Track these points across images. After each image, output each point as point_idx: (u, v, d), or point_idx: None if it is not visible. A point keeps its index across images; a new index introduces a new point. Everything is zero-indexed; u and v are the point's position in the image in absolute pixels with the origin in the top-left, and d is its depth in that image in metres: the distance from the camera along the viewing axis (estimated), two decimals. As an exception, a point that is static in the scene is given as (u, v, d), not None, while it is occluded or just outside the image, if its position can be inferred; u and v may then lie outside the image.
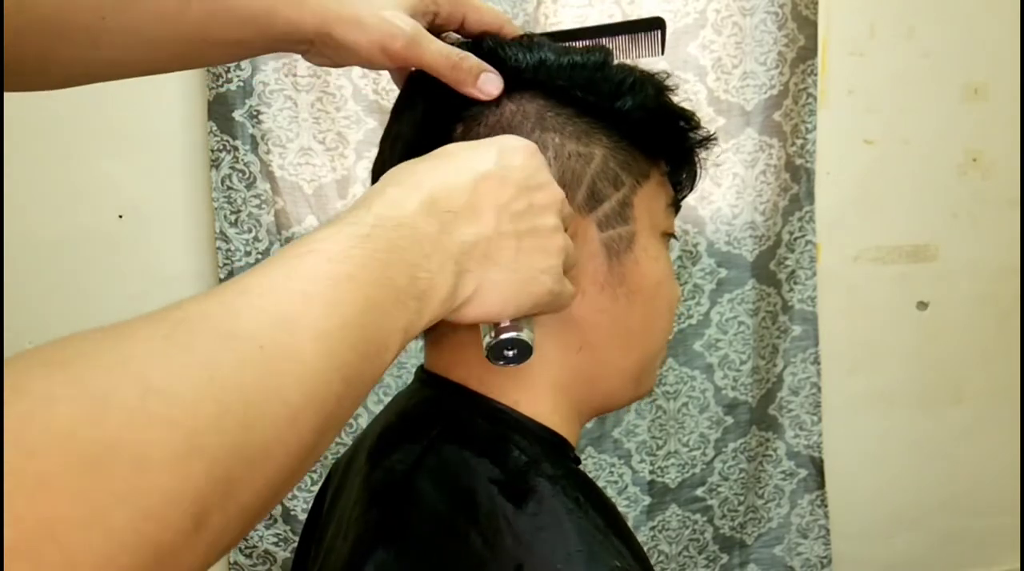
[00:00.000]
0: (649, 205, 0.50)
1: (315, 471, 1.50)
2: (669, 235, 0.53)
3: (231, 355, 0.27)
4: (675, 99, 0.52)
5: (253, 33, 0.46)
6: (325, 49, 0.48)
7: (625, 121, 0.49)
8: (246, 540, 1.53)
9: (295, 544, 1.00)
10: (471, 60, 0.47)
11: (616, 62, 0.50)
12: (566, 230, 0.42)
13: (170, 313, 0.28)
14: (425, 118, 0.49)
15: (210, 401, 0.25)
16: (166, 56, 0.46)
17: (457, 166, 0.39)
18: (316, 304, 0.30)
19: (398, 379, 1.52)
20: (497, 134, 0.46)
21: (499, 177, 0.39)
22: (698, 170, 0.55)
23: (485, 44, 0.49)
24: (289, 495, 1.46)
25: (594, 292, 0.49)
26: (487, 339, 0.41)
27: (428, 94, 0.49)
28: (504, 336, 0.41)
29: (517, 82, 0.48)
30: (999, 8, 1.76)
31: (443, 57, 0.47)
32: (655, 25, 0.56)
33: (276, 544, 1.56)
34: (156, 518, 0.23)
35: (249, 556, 1.56)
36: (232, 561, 1.56)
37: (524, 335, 0.41)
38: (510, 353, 0.41)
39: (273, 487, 0.28)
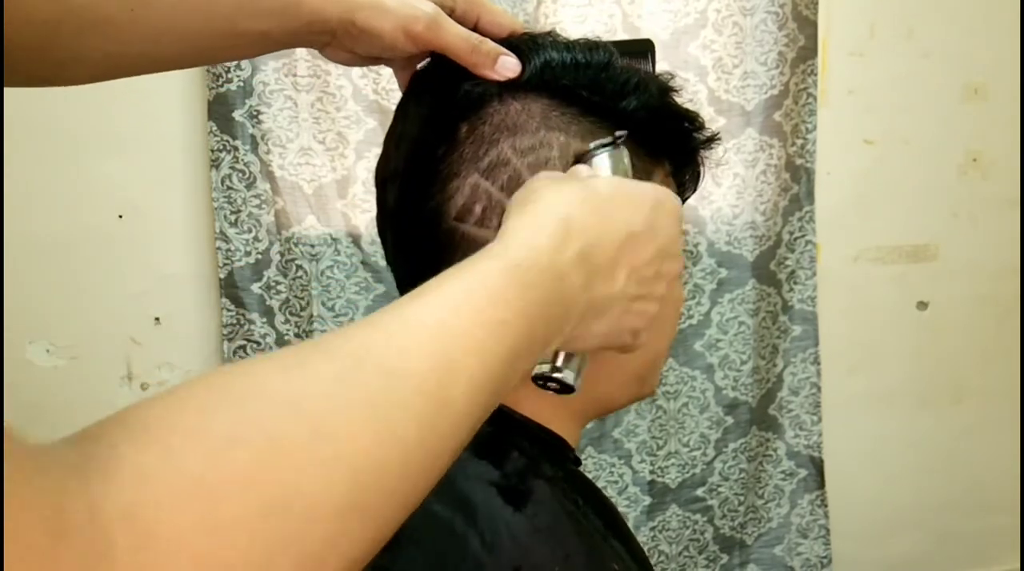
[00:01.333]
0: None
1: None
2: None
3: (393, 396, 0.29)
4: (679, 100, 0.52)
5: (279, 24, 0.46)
6: (347, 39, 0.48)
7: (629, 121, 0.49)
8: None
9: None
10: (489, 44, 0.47)
11: (621, 62, 0.50)
12: None
13: (339, 345, 0.30)
14: (430, 117, 0.49)
15: (373, 447, 0.27)
16: (193, 50, 0.47)
17: (614, 218, 0.40)
18: (473, 354, 0.32)
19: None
20: (502, 133, 0.47)
21: (646, 238, 0.41)
22: (701, 170, 0.55)
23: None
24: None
25: None
26: (543, 368, 0.43)
27: (433, 93, 0.49)
28: (556, 375, 0.43)
29: (523, 81, 0.48)
30: (999, 8, 1.76)
31: (463, 40, 0.47)
32: (644, 47, 0.56)
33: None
34: (317, 564, 0.25)
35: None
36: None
37: (572, 381, 0.43)
38: (553, 386, 0.44)
39: (405, 516, 0.30)
